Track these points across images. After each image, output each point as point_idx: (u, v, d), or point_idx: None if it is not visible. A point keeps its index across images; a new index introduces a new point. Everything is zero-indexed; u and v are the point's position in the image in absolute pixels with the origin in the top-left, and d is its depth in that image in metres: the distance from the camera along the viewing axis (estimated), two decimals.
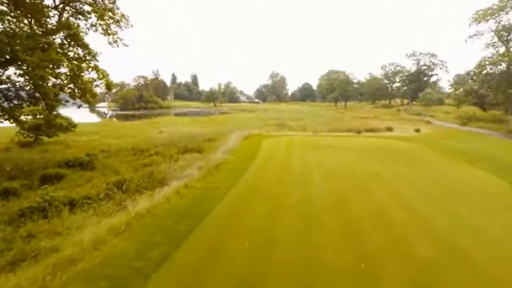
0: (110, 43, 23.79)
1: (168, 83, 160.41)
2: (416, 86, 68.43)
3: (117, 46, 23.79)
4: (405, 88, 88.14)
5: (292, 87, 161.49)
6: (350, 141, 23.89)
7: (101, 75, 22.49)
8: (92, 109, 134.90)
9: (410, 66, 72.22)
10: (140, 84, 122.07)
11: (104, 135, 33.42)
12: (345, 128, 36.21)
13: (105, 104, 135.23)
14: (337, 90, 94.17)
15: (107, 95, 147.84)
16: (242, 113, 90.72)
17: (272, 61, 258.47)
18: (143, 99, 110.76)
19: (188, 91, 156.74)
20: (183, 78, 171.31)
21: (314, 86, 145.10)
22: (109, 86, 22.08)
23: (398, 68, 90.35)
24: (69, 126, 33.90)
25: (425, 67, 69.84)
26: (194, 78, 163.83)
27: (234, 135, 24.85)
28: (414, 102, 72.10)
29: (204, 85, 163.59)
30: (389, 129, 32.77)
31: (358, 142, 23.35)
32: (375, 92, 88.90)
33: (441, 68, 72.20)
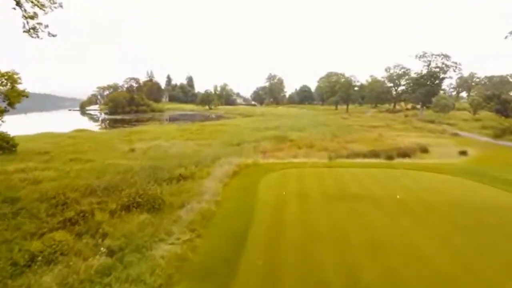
0: (27, 31, 15.00)
1: (163, 85, 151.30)
2: (427, 90, 60.09)
3: (37, 36, 14.98)
4: (409, 90, 79.90)
5: (289, 89, 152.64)
6: (393, 181, 15.23)
7: (6, 76, 13.75)
8: (83, 111, 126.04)
9: (420, 68, 63.89)
10: (132, 86, 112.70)
11: (52, 157, 24.50)
12: (367, 148, 27.74)
13: (96, 106, 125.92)
14: (338, 93, 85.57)
15: (99, 97, 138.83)
16: (237, 118, 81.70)
17: (269, 62, 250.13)
18: (134, 102, 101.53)
19: (183, 93, 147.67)
20: (179, 80, 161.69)
21: (313, 88, 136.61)
22: (10, 96, 13.27)
23: (403, 70, 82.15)
24: (6, 145, 25.12)
25: (436, 69, 61.45)
26: (190, 80, 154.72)
27: (219, 170, 16.10)
28: (423, 107, 63.73)
29: (200, 87, 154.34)
30: (424, 150, 24.23)
31: (409, 186, 14.51)
32: (379, 96, 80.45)
33: (454, 71, 63.99)
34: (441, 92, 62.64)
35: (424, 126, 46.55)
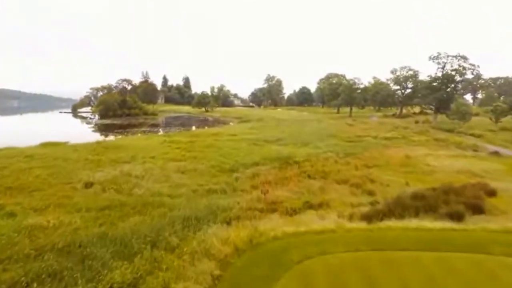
0: None
1: (159, 86, 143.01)
2: (442, 94, 52.50)
3: None
4: (419, 95, 72.33)
5: (287, 90, 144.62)
6: None
7: None
8: (76, 114, 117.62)
9: (433, 70, 55.99)
10: (124, 88, 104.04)
11: None
12: (397, 177, 20.32)
13: (88, 108, 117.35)
14: (341, 96, 77.79)
15: (92, 98, 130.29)
16: (234, 124, 73.86)
17: (268, 62, 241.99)
18: (126, 105, 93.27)
19: (180, 94, 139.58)
20: (175, 81, 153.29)
21: (312, 90, 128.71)
22: None
23: (410, 72, 74.53)
24: None
25: (453, 72, 53.73)
26: (186, 81, 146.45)
27: (188, 273, 8.35)
28: (436, 113, 56.08)
29: (197, 88, 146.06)
30: (491, 193, 16.59)
31: None
32: (385, 100, 72.81)
33: (472, 74, 56.47)
34: (456, 96, 55.08)
35: (448, 139, 38.90)
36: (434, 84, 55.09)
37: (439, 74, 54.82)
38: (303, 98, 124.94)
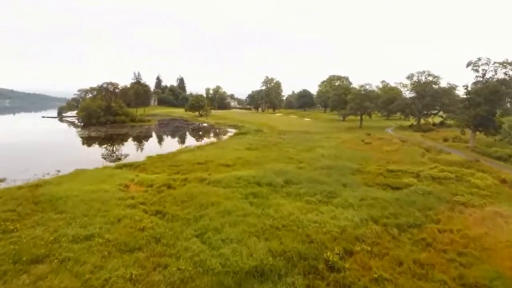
0: None
1: (153, 87, 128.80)
2: (484, 110, 40.11)
3: None
4: (434, 104, 59.95)
5: (286, 92, 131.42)
6: None
7: None
8: (61, 118, 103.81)
9: (473, 79, 43.37)
10: (111, 92, 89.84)
11: None
12: None
13: (74, 113, 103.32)
14: (350, 104, 64.99)
15: (81, 101, 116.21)
16: (227, 139, 61.19)
17: (266, 61, 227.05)
18: (111, 111, 79.67)
19: (174, 96, 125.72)
20: (170, 81, 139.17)
21: (312, 92, 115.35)
22: None
23: (429, 78, 61.87)
24: None
25: (496, 83, 41.13)
26: (181, 82, 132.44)
27: None
28: (475, 132, 43.62)
29: (193, 89, 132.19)
30: None
31: None
32: (403, 110, 60.32)
33: None
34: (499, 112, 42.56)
35: None
36: (473, 96, 42.54)
37: (479, 85, 42.22)
38: (303, 102, 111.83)
